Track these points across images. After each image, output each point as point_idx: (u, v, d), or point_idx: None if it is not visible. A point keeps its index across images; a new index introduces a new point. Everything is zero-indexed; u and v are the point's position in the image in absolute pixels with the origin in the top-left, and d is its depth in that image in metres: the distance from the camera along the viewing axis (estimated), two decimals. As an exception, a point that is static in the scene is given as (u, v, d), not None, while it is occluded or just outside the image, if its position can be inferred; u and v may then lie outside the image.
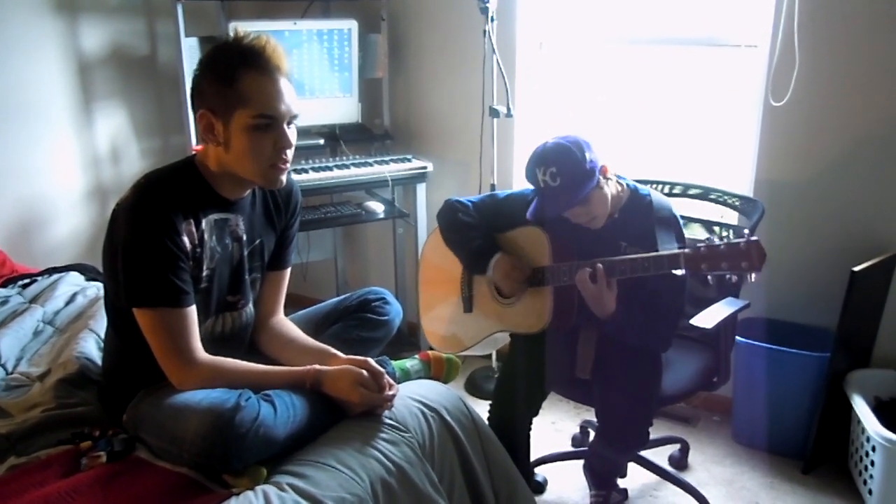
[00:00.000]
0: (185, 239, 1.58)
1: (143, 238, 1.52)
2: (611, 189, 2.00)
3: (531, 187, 2.17)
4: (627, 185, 2.08)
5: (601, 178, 1.95)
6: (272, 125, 1.57)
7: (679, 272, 1.84)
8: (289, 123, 1.61)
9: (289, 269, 1.90)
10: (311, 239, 3.60)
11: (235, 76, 1.54)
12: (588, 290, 1.91)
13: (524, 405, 2.14)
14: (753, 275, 1.78)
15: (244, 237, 1.72)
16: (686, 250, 1.84)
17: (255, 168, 1.59)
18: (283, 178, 1.64)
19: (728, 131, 2.81)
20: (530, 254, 2.11)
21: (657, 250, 1.91)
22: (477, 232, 2.16)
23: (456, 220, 2.19)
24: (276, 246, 1.84)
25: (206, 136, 1.59)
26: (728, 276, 1.80)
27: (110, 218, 1.60)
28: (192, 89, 1.60)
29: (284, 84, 1.59)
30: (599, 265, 1.89)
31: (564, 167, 1.91)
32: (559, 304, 2.04)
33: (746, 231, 1.81)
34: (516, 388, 2.14)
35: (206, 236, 1.63)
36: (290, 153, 1.62)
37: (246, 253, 1.73)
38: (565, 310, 2.05)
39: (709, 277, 1.83)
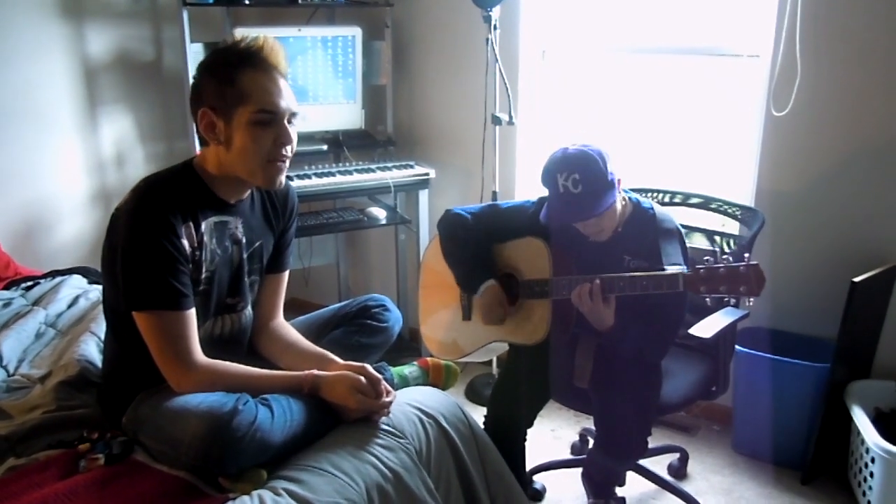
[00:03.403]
0: (185, 242, 1.59)
1: (143, 241, 1.54)
2: (619, 203, 2.00)
3: (531, 199, 2.18)
4: (630, 198, 2.08)
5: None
6: (273, 121, 1.60)
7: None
8: (289, 121, 1.63)
9: (287, 273, 1.92)
10: (314, 244, 3.61)
11: (235, 75, 1.57)
12: (585, 305, 1.91)
13: (520, 414, 2.14)
14: (751, 299, 1.78)
15: (243, 240, 1.74)
16: (685, 271, 1.85)
17: (255, 165, 1.61)
18: (282, 178, 1.67)
19: (730, 141, 2.82)
20: (530, 265, 2.11)
21: (661, 263, 1.91)
22: (471, 252, 2.17)
23: (455, 235, 2.21)
24: (274, 249, 1.85)
25: (208, 134, 1.62)
26: (726, 299, 1.81)
27: (109, 222, 1.61)
28: (192, 92, 1.63)
29: (283, 82, 1.62)
30: (597, 281, 1.90)
31: (588, 175, 1.90)
32: (557, 316, 2.05)
33: (747, 255, 1.81)
34: (513, 397, 2.14)
35: (205, 239, 1.64)
36: (289, 150, 1.64)
37: (245, 255, 1.75)
38: (563, 321, 2.06)
39: (707, 299, 1.83)
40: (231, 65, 1.58)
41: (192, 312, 1.61)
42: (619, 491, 2.35)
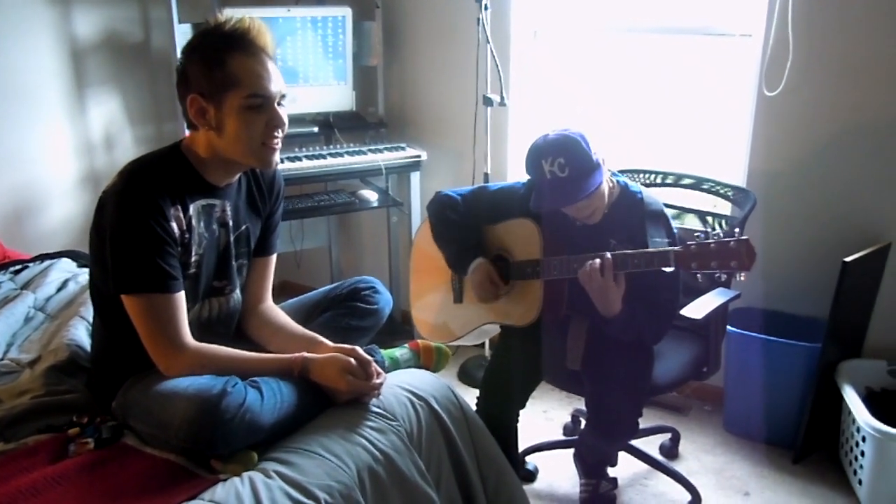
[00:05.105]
0: (174, 224, 1.58)
1: (131, 223, 1.52)
2: (606, 183, 1.99)
3: (521, 180, 2.17)
4: (618, 181, 2.07)
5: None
6: (264, 105, 1.59)
7: (668, 269, 1.83)
8: (279, 103, 1.62)
9: (274, 256, 1.91)
10: (305, 227, 3.59)
11: (224, 59, 1.55)
12: (595, 283, 1.86)
13: (512, 396, 2.14)
14: (743, 274, 1.77)
15: (230, 223, 1.72)
16: (676, 248, 1.83)
17: (248, 149, 1.61)
18: (277, 157, 1.67)
19: (722, 121, 2.80)
20: (521, 246, 2.10)
21: (647, 247, 1.90)
22: (461, 233, 2.17)
23: (444, 217, 2.20)
24: (261, 232, 1.84)
25: (198, 120, 1.60)
26: (718, 275, 1.80)
27: (97, 204, 1.60)
28: (179, 76, 1.61)
29: (271, 64, 1.61)
30: (608, 256, 1.87)
31: (573, 158, 1.89)
32: (549, 297, 2.04)
33: (738, 230, 1.79)
34: (505, 379, 2.13)
35: (193, 222, 1.63)
36: (281, 132, 1.64)
37: (232, 239, 1.74)
38: (555, 302, 2.05)
39: (698, 275, 1.82)
40: (218, 49, 1.56)
41: (181, 295, 1.60)
42: (611, 471, 2.37)
